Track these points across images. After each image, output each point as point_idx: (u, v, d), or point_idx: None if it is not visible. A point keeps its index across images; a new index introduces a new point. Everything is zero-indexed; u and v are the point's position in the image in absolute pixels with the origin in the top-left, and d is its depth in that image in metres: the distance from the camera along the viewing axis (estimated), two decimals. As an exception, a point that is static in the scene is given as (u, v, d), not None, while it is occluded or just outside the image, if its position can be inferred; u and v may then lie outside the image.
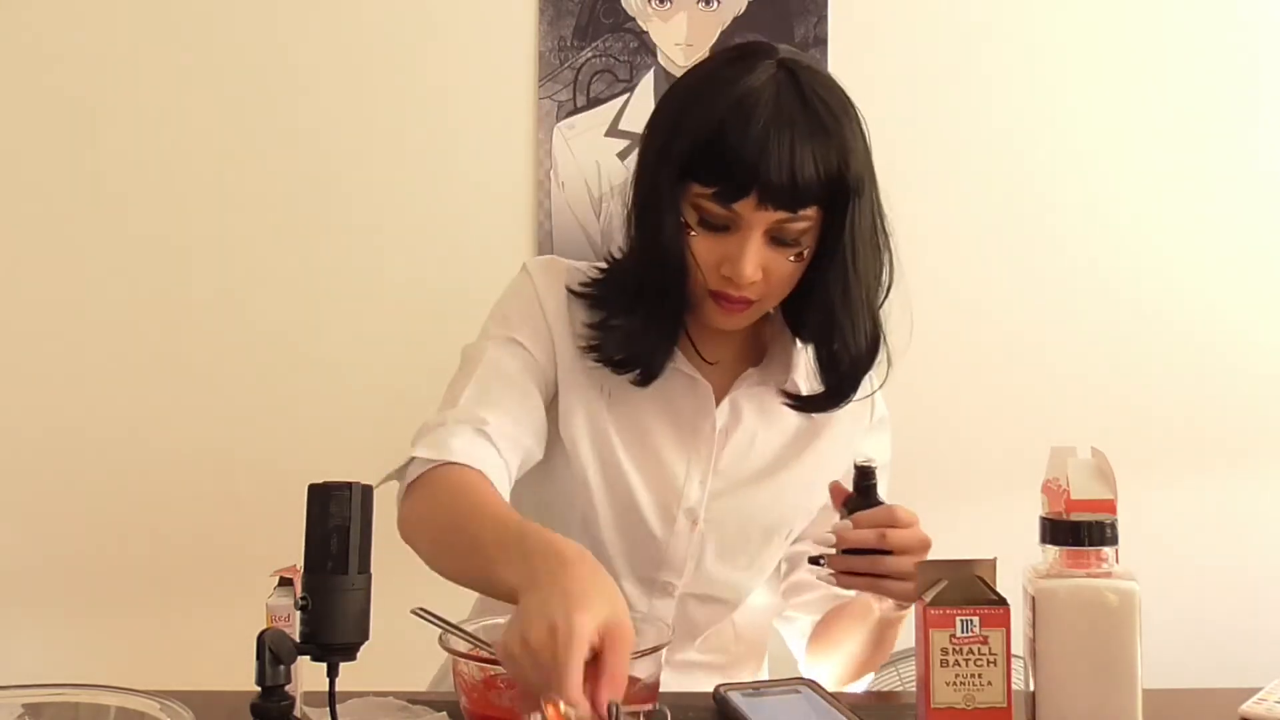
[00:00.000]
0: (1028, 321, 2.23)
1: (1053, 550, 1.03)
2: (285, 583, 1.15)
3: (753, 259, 1.22)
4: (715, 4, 2.20)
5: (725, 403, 1.35)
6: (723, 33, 2.20)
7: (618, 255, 1.34)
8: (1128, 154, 2.23)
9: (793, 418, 1.37)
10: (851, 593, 1.30)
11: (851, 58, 2.20)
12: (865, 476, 1.23)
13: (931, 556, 1.15)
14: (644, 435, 1.33)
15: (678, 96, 1.28)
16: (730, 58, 1.27)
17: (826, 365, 1.32)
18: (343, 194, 2.20)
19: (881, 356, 1.33)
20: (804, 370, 1.36)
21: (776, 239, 1.23)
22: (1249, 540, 2.21)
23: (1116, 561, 1.03)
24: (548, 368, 1.32)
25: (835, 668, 1.36)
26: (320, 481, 0.95)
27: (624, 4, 2.20)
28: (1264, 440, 2.22)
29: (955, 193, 2.22)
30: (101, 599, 2.19)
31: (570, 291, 1.33)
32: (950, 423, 2.21)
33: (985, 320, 2.22)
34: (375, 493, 1.03)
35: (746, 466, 1.36)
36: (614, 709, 0.86)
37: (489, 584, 1.03)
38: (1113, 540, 1.02)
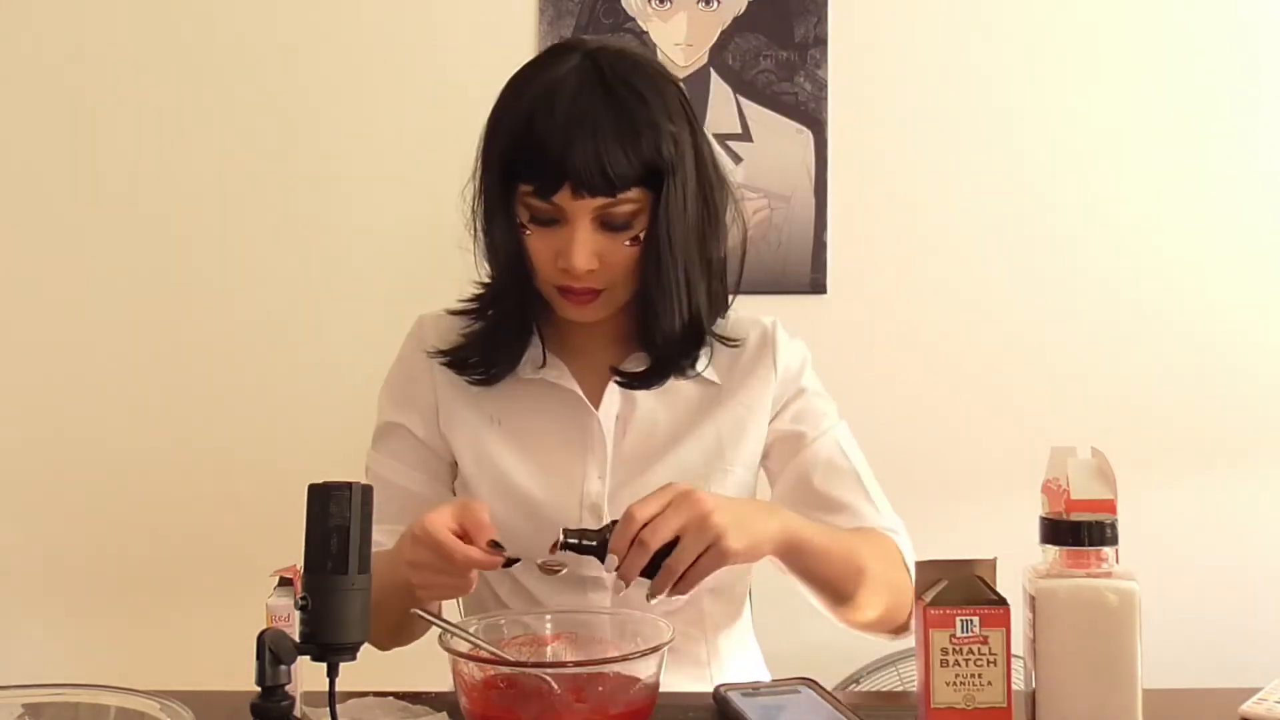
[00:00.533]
0: (1028, 321, 2.23)
1: (1053, 550, 1.03)
2: (285, 583, 1.15)
3: (583, 248, 1.24)
4: (715, 4, 2.20)
5: (614, 393, 1.36)
6: (723, 33, 2.20)
7: None
8: (1128, 154, 2.23)
9: (692, 388, 1.38)
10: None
11: (851, 58, 2.20)
12: (578, 547, 1.15)
13: (931, 557, 1.14)
14: (534, 448, 1.36)
15: (498, 102, 1.31)
16: (542, 56, 1.32)
17: (646, 344, 1.34)
18: (342, 194, 2.20)
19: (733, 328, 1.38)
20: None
21: (606, 224, 1.25)
22: (1249, 540, 2.21)
23: (1116, 561, 1.02)
24: (429, 430, 1.39)
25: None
26: (320, 481, 0.95)
27: (624, 4, 2.20)
28: (1264, 440, 2.22)
29: (955, 192, 2.22)
30: (101, 599, 2.20)
31: (450, 312, 1.40)
32: (950, 423, 2.22)
33: (985, 320, 2.22)
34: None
35: (652, 446, 1.36)
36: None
37: (394, 590, 1.15)
38: (1113, 540, 1.02)
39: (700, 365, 1.36)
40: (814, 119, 2.21)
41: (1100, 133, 2.22)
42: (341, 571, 0.93)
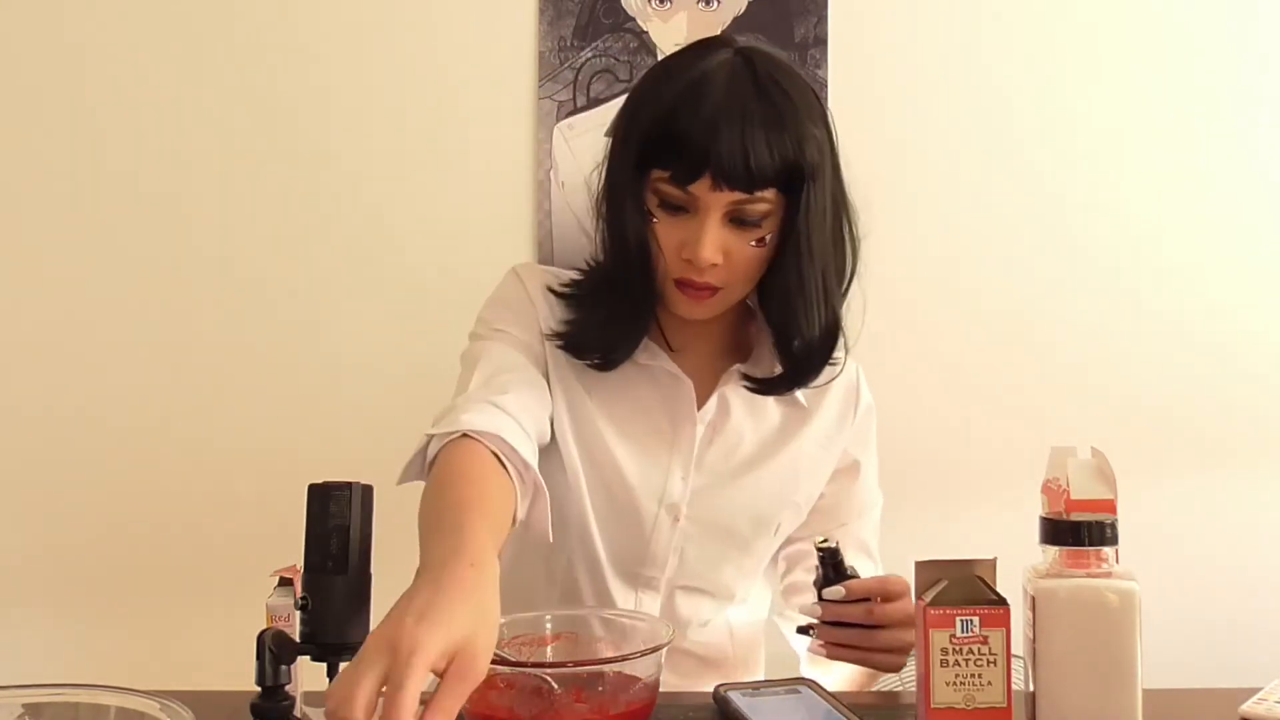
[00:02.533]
0: (1028, 321, 2.22)
1: (1053, 550, 1.03)
2: (285, 583, 1.15)
3: (711, 240, 1.23)
4: (715, 4, 2.20)
5: (714, 398, 1.36)
6: (723, 32, 2.20)
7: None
8: (1128, 154, 2.23)
9: (777, 411, 1.38)
10: None
11: (851, 58, 2.20)
12: (831, 556, 1.18)
13: (931, 557, 1.15)
14: (628, 431, 1.35)
15: (640, 87, 1.31)
16: (691, 48, 1.31)
17: (782, 351, 1.33)
18: (343, 194, 2.20)
19: (841, 344, 1.36)
20: None
21: (736, 220, 1.24)
22: (1249, 540, 2.21)
23: (1116, 561, 1.03)
24: (542, 358, 1.34)
25: (829, 680, 1.37)
26: (320, 481, 0.95)
27: (624, 4, 2.20)
28: (1264, 440, 2.22)
29: (955, 192, 2.22)
30: (102, 599, 2.20)
31: (551, 291, 1.36)
32: (950, 423, 2.21)
33: (985, 320, 2.22)
34: (375, 492, 1.03)
35: (733, 460, 1.37)
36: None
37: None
38: (1113, 540, 1.02)
39: (820, 379, 1.36)
40: (814, 119, 2.20)
41: (1100, 133, 2.22)
42: (341, 571, 0.94)
